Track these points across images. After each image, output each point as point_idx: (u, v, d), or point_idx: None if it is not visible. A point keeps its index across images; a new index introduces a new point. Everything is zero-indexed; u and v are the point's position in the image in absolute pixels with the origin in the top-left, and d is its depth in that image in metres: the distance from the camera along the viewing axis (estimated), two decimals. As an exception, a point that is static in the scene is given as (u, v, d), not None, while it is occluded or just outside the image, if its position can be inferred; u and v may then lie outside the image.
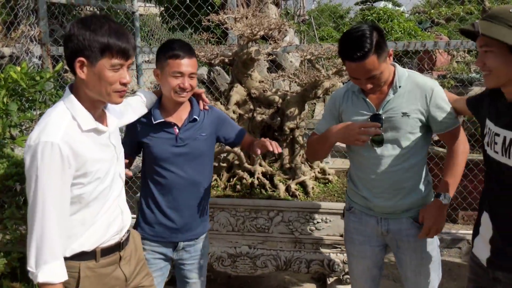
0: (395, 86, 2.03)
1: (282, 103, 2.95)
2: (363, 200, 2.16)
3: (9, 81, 2.80)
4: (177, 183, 2.18)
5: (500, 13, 1.63)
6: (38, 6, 4.22)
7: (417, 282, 2.17)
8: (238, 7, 4.21)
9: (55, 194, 1.52)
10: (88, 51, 1.56)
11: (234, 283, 3.68)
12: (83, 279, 1.66)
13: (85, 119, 1.62)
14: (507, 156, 1.67)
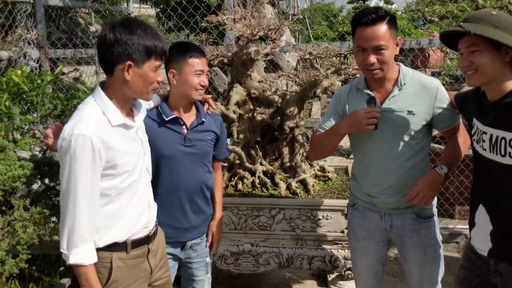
0: (400, 83, 2.07)
1: (281, 102, 2.99)
2: (367, 196, 2.20)
3: (11, 84, 2.82)
4: (184, 183, 2.22)
5: (483, 16, 1.73)
6: (36, 10, 4.24)
7: (421, 276, 2.21)
8: (235, 7, 4.24)
9: (86, 183, 1.63)
10: (136, 55, 1.69)
11: (236, 281, 3.71)
12: (115, 270, 1.76)
13: (115, 115, 1.74)
14: (495, 153, 1.75)
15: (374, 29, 1.96)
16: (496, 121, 1.74)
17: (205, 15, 4.55)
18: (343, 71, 2.85)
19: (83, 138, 1.61)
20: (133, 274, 1.84)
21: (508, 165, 1.71)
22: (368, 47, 1.98)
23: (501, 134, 1.71)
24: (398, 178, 2.10)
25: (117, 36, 1.67)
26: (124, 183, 1.76)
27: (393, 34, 2.00)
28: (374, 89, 2.12)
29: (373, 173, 2.15)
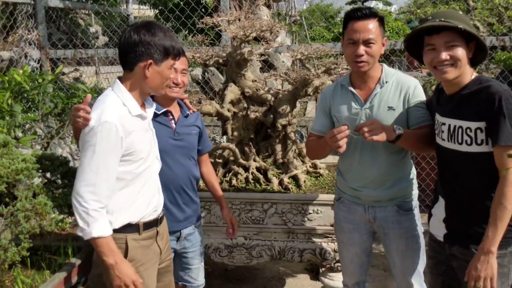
0: (382, 81, 2.20)
1: (274, 101, 3.09)
2: (352, 190, 2.32)
3: (13, 83, 2.92)
4: (176, 176, 2.33)
5: (454, 15, 1.89)
6: (37, 11, 4.34)
7: (404, 266, 2.32)
8: (231, 9, 4.34)
9: (107, 162, 1.80)
10: (156, 54, 1.88)
11: (231, 275, 3.82)
12: (131, 249, 1.93)
13: (134, 106, 1.92)
14: (452, 141, 1.91)
15: (366, 23, 2.11)
16: (454, 111, 1.90)
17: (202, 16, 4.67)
18: (333, 70, 2.95)
19: (110, 125, 1.80)
20: (146, 254, 2.01)
21: (464, 152, 1.87)
22: (360, 38, 2.11)
23: (458, 123, 1.87)
24: (380, 173, 2.22)
25: (141, 37, 1.86)
26: (139, 168, 1.94)
27: (381, 33, 2.15)
28: (358, 87, 2.25)
29: (357, 168, 2.27)
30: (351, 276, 2.48)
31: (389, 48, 4.01)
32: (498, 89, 1.79)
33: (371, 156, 2.22)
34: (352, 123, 2.21)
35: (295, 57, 3.09)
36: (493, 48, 5.04)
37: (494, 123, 1.77)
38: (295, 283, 3.68)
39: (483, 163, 1.85)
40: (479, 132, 1.82)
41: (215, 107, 3.02)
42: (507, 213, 1.77)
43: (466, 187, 1.92)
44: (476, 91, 1.85)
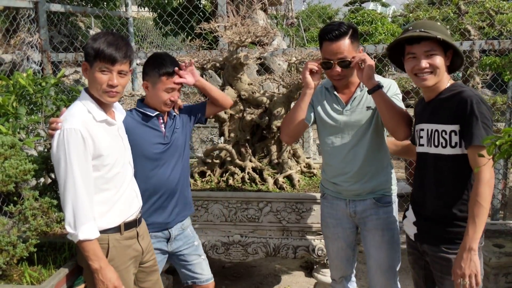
0: (362, 85, 2.34)
1: (269, 103, 3.20)
2: (333, 185, 2.47)
3: (18, 86, 3.03)
4: (171, 178, 2.42)
5: (433, 26, 2.03)
6: (38, 15, 4.45)
7: (378, 258, 2.44)
8: (228, 13, 4.46)
9: (82, 169, 1.89)
10: (88, 57, 1.98)
11: (228, 272, 3.94)
12: (111, 249, 2.03)
13: (98, 112, 2.01)
14: (430, 145, 2.05)
15: (338, 44, 2.23)
16: (431, 117, 2.04)
17: (200, 20, 4.78)
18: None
19: (74, 131, 1.89)
20: (127, 253, 2.11)
21: (440, 154, 2.01)
22: (334, 59, 2.24)
23: (435, 127, 2.01)
24: (359, 168, 2.37)
25: (87, 43, 2.01)
26: (109, 173, 2.02)
27: (355, 46, 2.27)
28: (340, 91, 2.40)
29: (337, 164, 2.42)
30: (337, 270, 2.61)
31: (383, 51, 4.12)
32: (470, 94, 1.92)
33: (350, 151, 2.38)
34: (335, 123, 2.40)
35: (289, 61, 3.20)
36: (484, 51, 5.18)
37: (467, 126, 1.89)
38: (290, 280, 3.79)
39: (454, 165, 1.98)
40: (453, 135, 1.95)
41: (213, 109, 3.13)
42: (484, 211, 1.88)
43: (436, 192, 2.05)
44: (450, 97, 1.99)
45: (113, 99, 2.04)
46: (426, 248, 2.11)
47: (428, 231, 2.09)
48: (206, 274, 2.65)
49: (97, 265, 1.94)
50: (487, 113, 1.90)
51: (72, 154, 1.88)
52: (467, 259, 1.91)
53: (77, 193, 1.89)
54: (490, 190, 1.88)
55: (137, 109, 2.40)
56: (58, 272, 2.10)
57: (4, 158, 2.09)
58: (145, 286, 2.32)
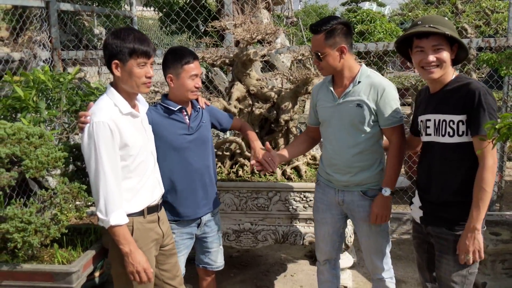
0: (356, 81, 2.48)
1: (277, 98, 3.35)
2: (326, 174, 2.65)
3: (38, 82, 3.17)
4: (195, 168, 2.59)
5: (441, 21, 2.16)
6: (50, 14, 4.58)
7: (369, 245, 2.64)
8: (233, 12, 4.60)
9: (110, 159, 2.05)
10: (120, 55, 2.11)
11: (236, 261, 4.09)
12: (136, 231, 2.19)
13: (124, 105, 2.17)
14: (437, 134, 2.20)
15: (314, 38, 2.43)
16: (439, 107, 2.18)
17: (205, 19, 4.93)
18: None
19: (102, 124, 2.05)
20: (149, 235, 2.27)
21: (447, 143, 2.16)
22: (313, 52, 2.47)
23: (442, 117, 2.15)
24: (348, 161, 2.52)
25: (106, 41, 2.15)
26: (134, 163, 2.18)
27: (331, 44, 2.39)
28: (337, 85, 2.57)
29: (330, 155, 2.59)
30: (322, 253, 2.79)
31: (383, 49, 4.28)
32: (477, 86, 2.07)
33: (338, 146, 2.54)
34: (328, 116, 2.57)
35: (296, 57, 3.36)
36: (480, 49, 5.35)
37: (474, 116, 2.04)
38: (296, 268, 3.95)
39: (460, 153, 2.13)
40: (461, 124, 2.09)
41: (223, 103, 3.27)
42: (487, 195, 2.05)
43: (442, 178, 2.20)
44: (457, 88, 2.13)
45: (148, 89, 2.23)
46: (430, 229, 2.27)
47: (433, 213, 2.25)
48: (219, 262, 2.86)
49: (127, 248, 2.10)
50: (493, 104, 2.04)
51: (102, 146, 2.04)
52: (471, 238, 2.08)
53: (107, 182, 2.05)
54: (493, 176, 2.04)
55: (161, 104, 2.56)
56: (86, 253, 2.25)
57: (34, 147, 2.23)
58: (165, 268, 2.47)
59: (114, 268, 2.25)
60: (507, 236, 3.60)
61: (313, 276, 3.58)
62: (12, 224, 2.01)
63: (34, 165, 2.10)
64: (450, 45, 2.15)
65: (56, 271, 2.12)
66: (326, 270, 2.81)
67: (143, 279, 2.14)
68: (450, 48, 2.15)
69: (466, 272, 2.18)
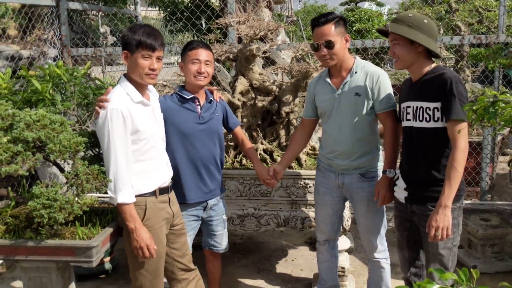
0: (352, 71, 2.68)
1: (279, 91, 3.55)
2: (326, 159, 2.85)
3: (54, 76, 3.36)
4: (201, 155, 2.78)
5: (402, 17, 2.39)
6: (60, 13, 4.78)
7: (366, 224, 2.84)
8: (236, 11, 4.80)
9: (121, 143, 2.26)
10: (129, 46, 2.34)
11: (239, 248, 4.29)
12: (148, 210, 2.40)
13: (135, 94, 2.38)
14: (415, 120, 2.42)
15: (322, 29, 2.60)
16: (417, 95, 2.40)
17: (209, 17, 5.13)
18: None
19: (115, 110, 2.26)
20: (161, 214, 2.48)
21: (424, 127, 2.38)
22: (320, 42, 2.61)
23: (420, 104, 2.38)
24: (347, 147, 2.72)
25: (124, 34, 2.38)
26: (145, 146, 2.39)
27: (340, 32, 2.61)
28: (334, 77, 2.76)
29: (331, 142, 2.79)
30: (322, 233, 3.00)
31: (379, 46, 4.49)
32: (450, 75, 2.28)
33: (339, 135, 2.73)
34: (328, 107, 2.74)
35: (297, 53, 3.56)
36: (473, 45, 5.55)
37: (446, 102, 2.26)
38: (296, 254, 4.15)
39: (436, 137, 2.35)
40: (436, 111, 2.32)
41: (227, 97, 3.47)
42: (458, 174, 2.26)
43: (423, 160, 2.41)
44: (433, 78, 2.36)
45: (152, 81, 2.41)
46: (415, 208, 2.48)
47: (417, 193, 2.46)
48: (224, 245, 3.05)
49: (133, 225, 2.31)
50: (464, 91, 2.26)
51: (114, 130, 2.25)
52: (441, 214, 2.27)
53: (118, 163, 2.26)
54: (464, 156, 2.25)
55: (177, 93, 2.76)
56: (104, 230, 2.44)
57: (57, 133, 2.42)
58: (175, 246, 2.67)
59: (127, 245, 2.46)
60: (496, 222, 3.81)
61: (313, 260, 3.80)
62: (39, 201, 2.21)
63: (58, 148, 2.29)
64: (411, 40, 2.33)
65: (78, 246, 2.31)
66: (326, 250, 3.01)
67: (145, 254, 2.35)
68: (410, 44, 2.34)
69: (451, 244, 2.40)
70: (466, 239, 3.90)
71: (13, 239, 2.35)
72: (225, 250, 3.07)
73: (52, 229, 2.38)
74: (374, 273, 2.91)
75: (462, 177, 2.39)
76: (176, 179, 2.74)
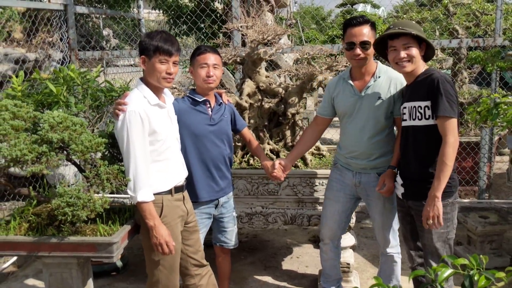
0: (376, 76, 2.79)
1: (285, 93, 3.67)
2: (345, 158, 2.96)
3: (67, 79, 3.47)
4: (212, 155, 2.89)
5: (406, 23, 2.59)
6: (68, 17, 4.88)
7: (381, 221, 2.96)
8: (240, 15, 4.92)
9: (140, 143, 2.38)
10: (146, 51, 2.46)
11: (246, 246, 4.40)
12: (165, 207, 2.51)
13: (152, 97, 2.50)
14: (411, 119, 2.58)
15: (361, 28, 2.72)
16: (411, 96, 2.57)
17: (213, 21, 5.25)
18: (334, 67, 3.54)
19: (134, 112, 2.37)
20: (176, 212, 2.60)
21: (419, 125, 2.53)
22: (356, 41, 2.70)
23: (413, 104, 2.55)
24: (366, 148, 2.84)
25: (142, 40, 2.50)
26: (162, 147, 2.51)
27: (373, 35, 2.75)
28: (356, 80, 2.86)
29: (350, 143, 2.90)
30: (328, 230, 3.08)
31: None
32: (437, 76, 2.46)
33: (359, 135, 2.84)
34: (350, 108, 2.84)
35: (302, 56, 3.68)
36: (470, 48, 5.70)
37: (434, 100, 2.43)
38: (301, 251, 4.27)
39: (428, 134, 2.50)
40: (427, 109, 2.48)
41: (235, 99, 3.59)
42: (448, 168, 2.41)
43: (415, 157, 2.56)
44: (424, 79, 2.53)
45: (169, 84, 2.52)
46: (411, 203, 2.64)
47: (412, 189, 2.61)
48: (234, 241, 3.16)
49: (152, 223, 2.42)
50: (451, 89, 2.43)
51: (133, 132, 2.37)
52: (432, 205, 2.45)
53: (137, 163, 2.38)
54: (454, 151, 2.40)
55: (189, 96, 2.88)
56: (123, 227, 2.55)
57: (78, 134, 2.53)
58: (189, 243, 2.78)
59: (144, 241, 2.57)
60: (494, 219, 3.95)
61: (317, 258, 3.89)
62: (63, 200, 2.31)
63: (80, 149, 2.40)
64: (418, 43, 2.54)
65: (99, 242, 2.42)
66: (329, 249, 3.11)
67: (165, 251, 2.46)
68: (418, 46, 2.55)
69: (445, 237, 2.58)
70: (465, 236, 4.03)
71: (36, 236, 2.46)
72: (235, 246, 3.18)
73: (74, 227, 2.48)
74: (387, 266, 3.03)
75: (455, 175, 2.57)
76: (189, 178, 2.84)
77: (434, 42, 4.56)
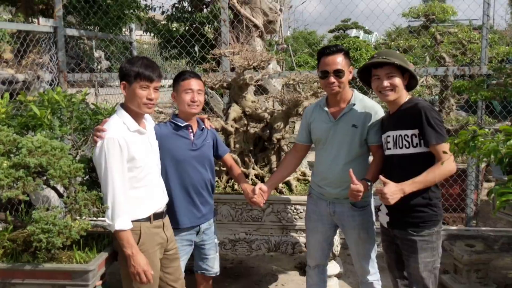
0: (351, 103, 2.80)
1: (270, 118, 3.67)
2: (318, 187, 2.94)
3: (52, 101, 3.45)
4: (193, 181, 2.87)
5: (392, 53, 2.63)
6: (57, 39, 4.89)
7: (357, 251, 2.94)
8: (230, 40, 4.96)
9: (118, 171, 2.34)
10: (127, 77, 2.45)
11: (230, 272, 4.33)
12: (143, 235, 2.46)
13: (131, 123, 2.47)
14: (396, 147, 2.59)
15: (334, 58, 2.74)
16: (395, 124, 2.58)
17: (203, 46, 5.28)
18: (319, 94, 3.56)
19: (112, 139, 2.35)
20: (155, 239, 2.55)
21: (403, 154, 2.55)
22: (330, 70, 2.73)
23: (399, 133, 2.56)
24: (339, 176, 2.81)
25: (123, 65, 2.49)
26: (141, 174, 2.48)
27: (347, 63, 2.76)
28: (332, 107, 2.87)
29: (323, 170, 2.89)
30: (313, 258, 3.08)
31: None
32: (424, 105, 2.49)
33: (332, 162, 2.83)
34: (324, 134, 2.86)
35: (288, 82, 3.70)
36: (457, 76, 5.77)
37: (424, 130, 2.45)
38: (286, 278, 4.20)
39: (416, 162, 2.51)
40: (414, 137, 2.50)
41: (221, 123, 3.58)
42: (430, 179, 2.44)
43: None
44: (409, 108, 2.55)
45: (150, 110, 2.51)
46: (397, 232, 2.63)
47: (397, 218, 2.60)
48: (215, 268, 3.11)
49: (130, 251, 2.38)
50: (437, 116, 2.48)
51: (111, 159, 2.34)
52: (393, 188, 2.42)
53: (115, 191, 2.35)
54: (446, 174, 2.46)
55: (171, 121, 2.86)
56: (101, 254, 2.50)
57: (57, 158, 2.50)
58: (169, 271, 2.73)
59: (122, 269, 2.52)
60: (480, 247, 3.92)
61: (303, 285, 3.84)
62: (38, 226, 2.27)
63: (58, 174, 2.37)
64: (401, 73, 2.58)
65: (75, 270, 2.37)
66: (315, 274, 3.08)
67: (142, 280, 2.41)
68: (402, 76, 2.58)
69: (431, 267, 2.56)
70: (452, 265, 4.00)
71: (10, 263, 2.40)
72: (216, 274, 3.13)
73: (49, 253, 2.43)
74: None
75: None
76: (169, 204, 2.80)
77: (421, 69, 4.63)
